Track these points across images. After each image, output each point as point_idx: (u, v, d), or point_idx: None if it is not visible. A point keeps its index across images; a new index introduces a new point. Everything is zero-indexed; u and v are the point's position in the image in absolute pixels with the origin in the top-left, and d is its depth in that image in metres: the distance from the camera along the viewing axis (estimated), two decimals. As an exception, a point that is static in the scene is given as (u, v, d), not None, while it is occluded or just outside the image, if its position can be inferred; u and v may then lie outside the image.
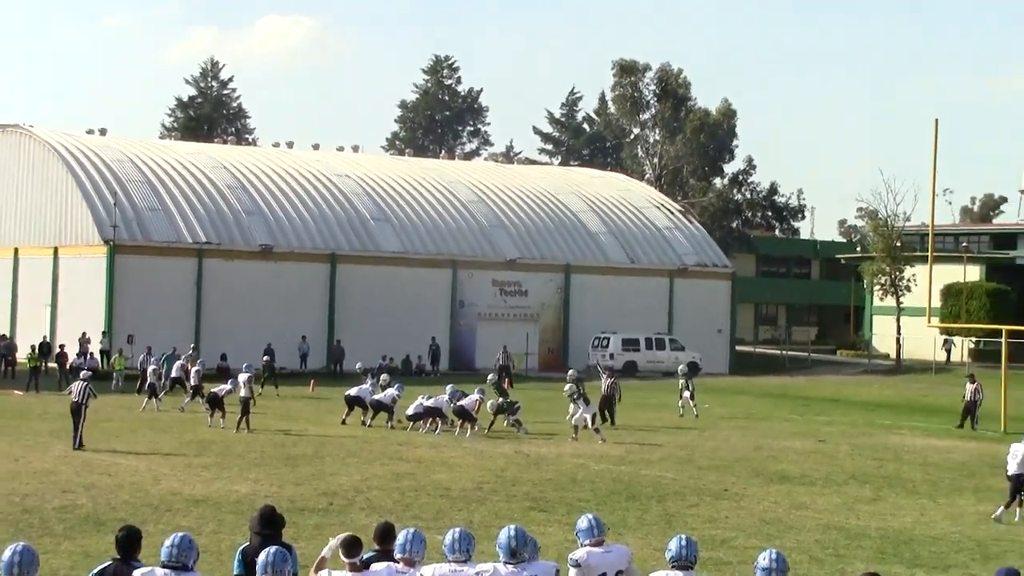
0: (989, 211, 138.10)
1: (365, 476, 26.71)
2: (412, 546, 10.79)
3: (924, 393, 59.03)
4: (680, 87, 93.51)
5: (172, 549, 10.29)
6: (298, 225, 63.88)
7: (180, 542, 10.36)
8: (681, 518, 22.55)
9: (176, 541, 10.38)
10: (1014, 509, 23.53)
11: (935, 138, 42.84)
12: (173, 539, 10.44)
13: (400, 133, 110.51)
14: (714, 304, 72.64)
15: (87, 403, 30.72)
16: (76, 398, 30.70)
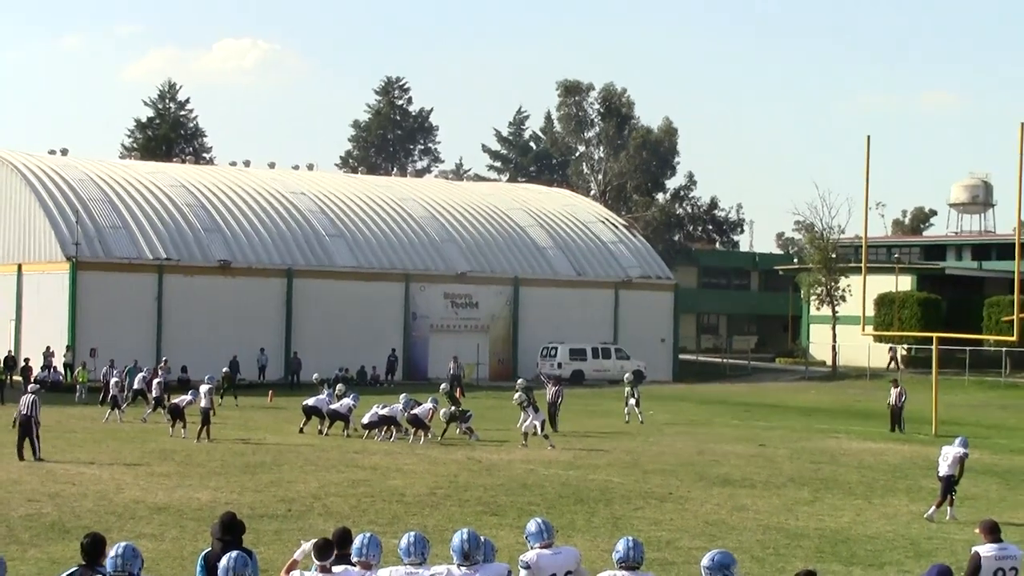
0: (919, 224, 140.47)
1: (323, 483, 26.86)
2: (368, 550, 11.03)
3: (859, 398, 59.65)
4: (623, 106, 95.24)
5: (117, 559, 10.33)
6: (255, 241, 65.02)
7: (124, 552, 10.39)
8: (627, 520, 22.66)
9: (120, 551, 10.41)
10: (945, 508, 23.84)
11: (867, 154, 43.20)
12: (117, 549, 10.47)
13: (354, 152, 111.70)
14: (658, 314, 73.96)
15: (37, 415, 30.48)
16: (25, 411, 30.36)
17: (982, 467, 32.91)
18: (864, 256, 46.67)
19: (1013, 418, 50.48)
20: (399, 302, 67.03)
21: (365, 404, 38.86)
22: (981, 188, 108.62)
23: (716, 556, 10.34)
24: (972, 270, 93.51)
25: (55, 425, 36.48)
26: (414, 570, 10.66)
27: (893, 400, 43.17)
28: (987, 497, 27.46)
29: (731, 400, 57.74)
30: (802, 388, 67.75)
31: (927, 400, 44.09)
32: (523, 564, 11.22)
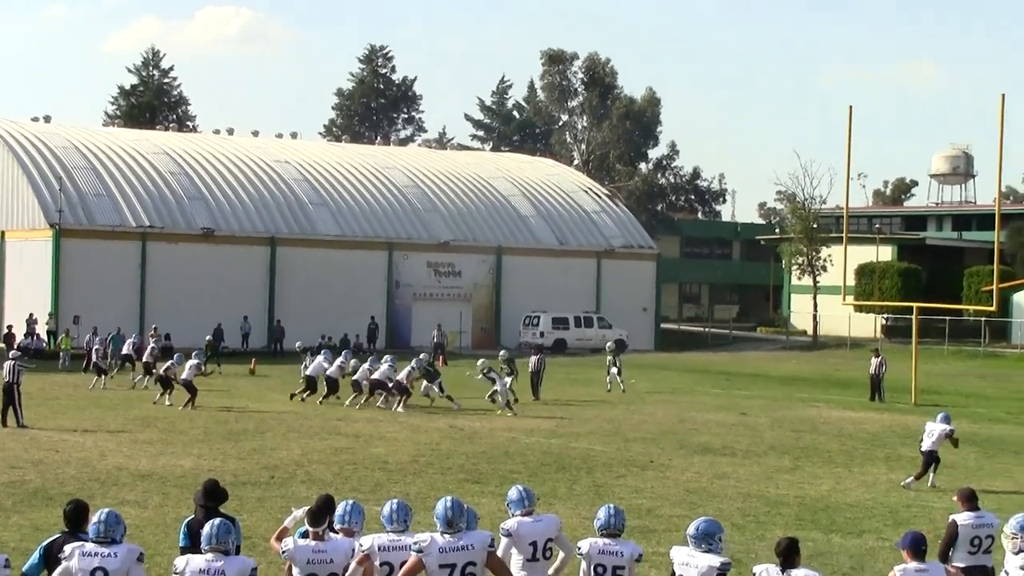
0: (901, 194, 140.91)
1: (305, 450, 26.91)
2: (351, 517, 11.12)
3: (839, 368, 59.85)
4: (607, 76, 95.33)
5: (99, 525, 10.32)
6: (239, 209, 65.20)
7: (107, 518, 10.37)
8: (609, 488, 22.81)
9: (103, 517, 10.38)
10: (926, 478, 24.14)
11: (849, 124, 43.32)
12: (99, 515, 10.43)
13: (337, 120, 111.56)
14: (640, 284, 74.31)
15: (19, 381, 30.64)
16: (8, 378, 30.59)
17: (961, 436, 32.94)
18: (845, 226, 47.22)
19: (992, 387, 50.94)
20: (382, 270, 67.27)
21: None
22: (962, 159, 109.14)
23: (701, 524, 10.52)
24: (952, 240, 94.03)
25: (38, 392, 36.49)
26: (397, 537, 10.70)
27: (873, 369, 43.46)
28: (965, 466, 27.69)
29: (712, 369, 57.92)
30: (783, 357, 68.02)
31: (907, 369, 44.27)
32: (504, 531, 11.25)
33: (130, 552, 10.26)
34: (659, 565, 16.54)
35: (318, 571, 10.43)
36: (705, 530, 10.47)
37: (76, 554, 10.17)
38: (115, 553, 10.18)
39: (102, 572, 10.12)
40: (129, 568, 10.19)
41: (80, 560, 10.14)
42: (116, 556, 10.17)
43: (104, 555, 10.16)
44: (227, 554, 10.07)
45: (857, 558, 17.72)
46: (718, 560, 10.38)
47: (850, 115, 43.80)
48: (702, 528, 10.51)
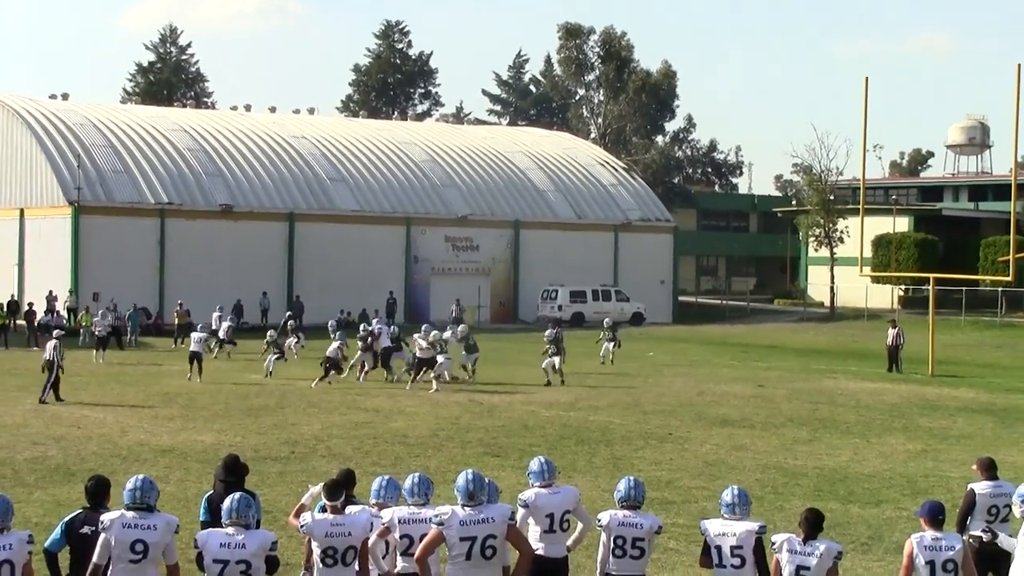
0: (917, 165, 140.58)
1: (325, 425, 26.98)
2: (387, 492, 11.28)
3: (856, 339, 59.80)
4: (623, 49, 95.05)
5: (136, 492, 10.32)
6: (257, 185, 65.28)
7: (142, 484, 10.39)
8: (628, 461, 22.90)
9: (138, 484, 10.39)
10: None
11: (865, 96, 43.26)
12: (135, 482, 10.44)
13: (354, 96, 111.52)
14: (657, 257, 74.33)
15: (59, 360, 31.01)
16: (48, 356, 31.11)
17: (978, 406, 33.47)
18: (862, 198, 47.22)
19: (1008, 357, 50.95)
20: (400, 245, 67.34)
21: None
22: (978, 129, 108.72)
23: (736, 491, 10.88)
24: (969, 211, 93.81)
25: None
26: (417, 510, 10.75)
27: (890, 340, 43.50)
28: (982, 435, 27.85)
29: (730, 341, 57.98)
30: (800, 329, 68.01)
31: (924, 340, 44.20)
32: (522, 503, 11.33)
33: (168, 524, 10.31)
34: (678, 536, 16.74)
35: (337, 544, 10.46)
36: (741, 495, 10.80)
37: (116, 525, 10.14)
38: (154, 525, 10.20)
39: (142, 544, 10.14)
40: (167, 541, 10.27)
41: (120, 532, 10.12)
42: (155, 528, 10.20)
43: (144, 527, 10.16)
44: (247, 528, 10.10)
45: (875, 528, 17.84)
46: (755, 524, 10.66)
47: (866, 86, 43.79)
48: (738, 494, 10.82)
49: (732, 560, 10.58)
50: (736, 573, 10.59)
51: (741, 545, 10.56)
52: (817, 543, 10.26)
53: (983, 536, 11.84)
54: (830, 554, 10.21)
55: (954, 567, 10.54)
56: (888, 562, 15.33)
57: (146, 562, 10.18)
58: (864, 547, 16.64)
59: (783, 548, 10.29)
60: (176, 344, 49.51)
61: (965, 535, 12.32)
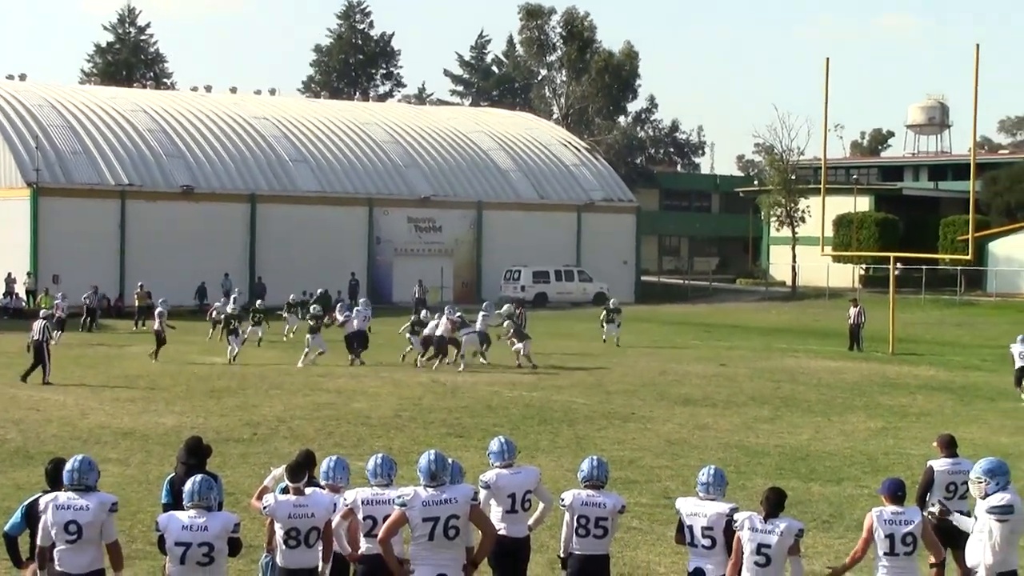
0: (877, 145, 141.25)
1: (287, 406, 26.99)
2: (336, 473, 11.26)
3: (818, 318, 59.90)
4: (585, 30, 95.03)
5: (73, 473, 10.28)
6: (218, 167, 64.95)
7: (80, 465, 10.32)
8: (591, 440, 22.99)
9: (76, 465, 10.32)
10: None
11: (826, 76, 43.28)
12: (73, 463, 10.37)
13: (316, 77, 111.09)
14: (620, 237, 74.37)
15: (47, 341, 31.15)
16: (36, 336, 31.16)
17: (938, 384, 33.72)
18: (823, 177, 47.45)
19: (967, 336, 51.28)
20: (363, 226, 67.21)
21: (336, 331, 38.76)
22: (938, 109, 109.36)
23: (713, 471, 10.99)
24: (928, 190, 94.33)
25: (17, 351, 36.35)
26: (380, 491, 10.80)
27: (852, 319, 43.70)
28: (942, 413, 28.11)
29: (692, 321, 58.03)
30: (762, 308, 68.25)
31: (884, 319, 44.45)
32: (483, 484, 11.40)
33: (102, 503, 10.27)
34: (641, 516, 16.80)
35: (299, 525, 10.49)
36: (716, 476, 10.91)
37: (50, 508, 10.17)
38: (87, 505, 10.19)
39: (75, 526, 10.14)
40: (103, 520, 10.24)
41: (53, 514, 10.15)
42: (88, 509, 10.18)
43: (77, 508, 10.15)
44: (209, 510, 10.09)
45: (836, 505, 17.97)
46: (726, 506, 10.76)
47: (827, 67, 43.84)
48: (713, 474, 10.94)
49: (703, 541, 10.71)
50: (707, 553, 10.70)
51: (712, 527, 10.67)
52: (778, 521, 10.34)
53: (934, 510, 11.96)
54: (791, 532, 10.29)
55: (913, 540, 10.65)
56: (849, 539, 15.41)
57: (83, 542, 10.18)
58: (825, 525, 16.75)
59: (745, 526, 10.37)
60: (137, 326, 49.31)
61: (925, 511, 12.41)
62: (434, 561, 10.24)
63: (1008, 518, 10.81)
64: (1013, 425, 26.44)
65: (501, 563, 11.58)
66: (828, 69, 43.72)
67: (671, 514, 11.07)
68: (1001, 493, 10.89)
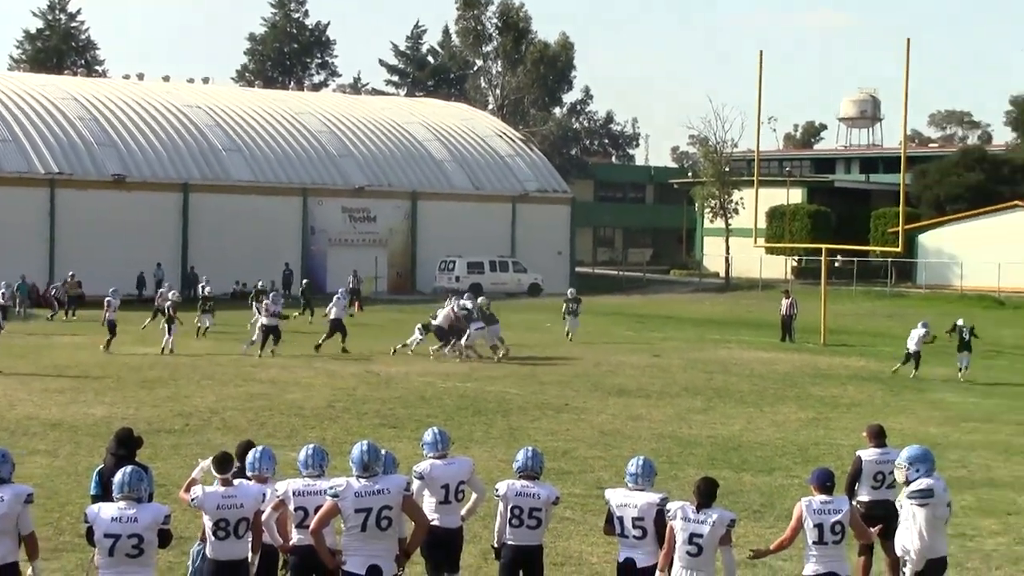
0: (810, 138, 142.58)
1: (220, 397, 26.85)
2: (262, 463, 11.20)
3: (750, 309, 60.52)
4: (521, 20, 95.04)
5: None
6: (150, 155, 64.32)
7: None
8: (524, 431, 23.04)
9: None
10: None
11: (760, 69, 43.70)
12: None
13: (249, 65, 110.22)
14: (555, 228, 74.37)
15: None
16: None
17: (868, 374, 34.12)
18: (756, 169, 47.77)
19: (898, 327, 51.49)
20: (297, 216, 66.89)
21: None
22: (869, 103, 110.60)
23: (642, 461, 11.01)
24: (860, 183, 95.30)
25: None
26: (312, 482, 10.78)
27: (784, 310, 43.98)
28: (872, 403, 28.48)
29: (626, 312, 58.13)
30: (696, 299, 68.55)
31: (816, 310, 44.86)
32: (416, 474, 11.44)
33: (16, 495, 10.15)
34: (574, 506, 16.84)
35: (228, 516, 10.45)
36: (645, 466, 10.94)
37: None
38: (1, 497, 10.06)
39: None
40: (18, 512, 10.13)
41: None
42: (3, 500, 10.06)
43: None
44: (140, 502, 9.98)
45: (767, 495, 18.12)
46: (656, 496, 10.80)
47: (760, 60, 44.24)
48: (642, 464, 10.96)
49: (633, 531, 10.75)
50: (638, 543, 10.74)
51: (642, 517, 10.71)
52: (710, 511, 10.40)
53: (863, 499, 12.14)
54: (722, 522, 10.36)
55: (841, 529, 10.74)
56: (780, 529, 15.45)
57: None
58: (757, 514, 16.89)
59: (677, 516, 10.42)
60: (67, 316, 48.80)
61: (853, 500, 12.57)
62: (366, 552, 10.18)
63: (928, 502, 10.98)
64: (941, 416, 26.86)
65: (434, 553, 11.63)
66: (761, 62, 44.11)
67: (604, 505, 11.09)
68: (923, 479, 11.03)
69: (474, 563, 13.81)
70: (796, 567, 11.80)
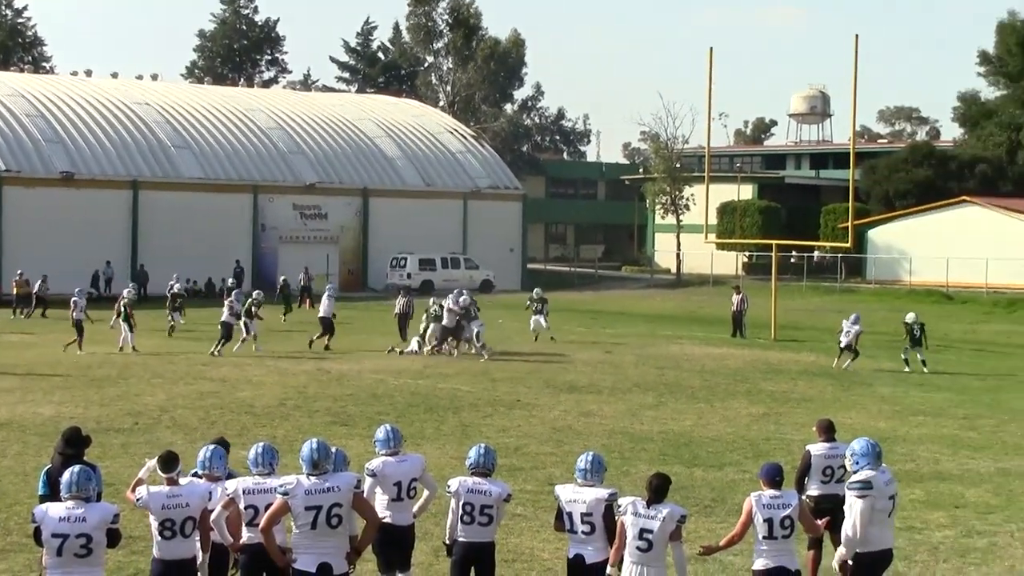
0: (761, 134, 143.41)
1: (170, 395, 26.71)
2: (212, 463, 11.21)
3: (702, 305, 60.45)
4: (472, 17, 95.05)
5: None
6: (99, 153, 63.92)
7: None
8: (476, 428, 23.05)
9: None
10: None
11: (710, 65, 43.87)
12: None
13: (199, 62, 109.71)
14: (506, 224, 74.45)
15: None
16: None
17: (818, 370, 34.29)
18: (707, 166, 48.01)
19: (848, 322, 52.09)
20: (247, 213, 66.64)
21: (214, 316, 38.19)
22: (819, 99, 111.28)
23: (591, 457, 11.02)
24: (810, 179, 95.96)
25: None
26: (262, 480, 10.78)
27: (735, 306, 44.07)
28: (822, 398, 28.61)
29: (578, 308, 58.06)
30: (647, 295, 68.59)
31: (767, 306, 45.00)
32: (369, 471, 11.51)
33: None
34: (526, 503, 16.86)
35: (174, 516, 10.42)
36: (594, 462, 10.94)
37: None
38: None
39: None
40: None
41: None
42: None
43: None
44: (88, 501, 9.93)
45: (718, 490, 18.20)
46: (605, 492, 10.79)
47: (711, 56, 44.45)
48: (591, 460, 10.96)
49: (583, 527, 10.75)
50: (587, 539, 10.75)
51: (591, 512, 10.71)
52: (661, 507, 10.43)
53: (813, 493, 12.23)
54: (673, 518, 10.39)
55: (791, 523, 10.79)
56: (730, 523, 15.51)
57: None
58: (707, 509, 16.97)
59: (628, 511, 10.45)
60: (15, 314, 48.41)
61: (803, 495, 12.65)
62: (317, 550, 10.20)
63: (867, 493, 11.03)
64: (890, 410, 27.04)
65: (386, 550, 11.65)
66: (712, 59, 44.32)
67: (555, 501, 11.09)
68: (864, 471, 11.13)
69: (425, 560, 13.82)
70: (746, 561, 11.85)
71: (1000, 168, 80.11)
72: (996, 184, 78.56)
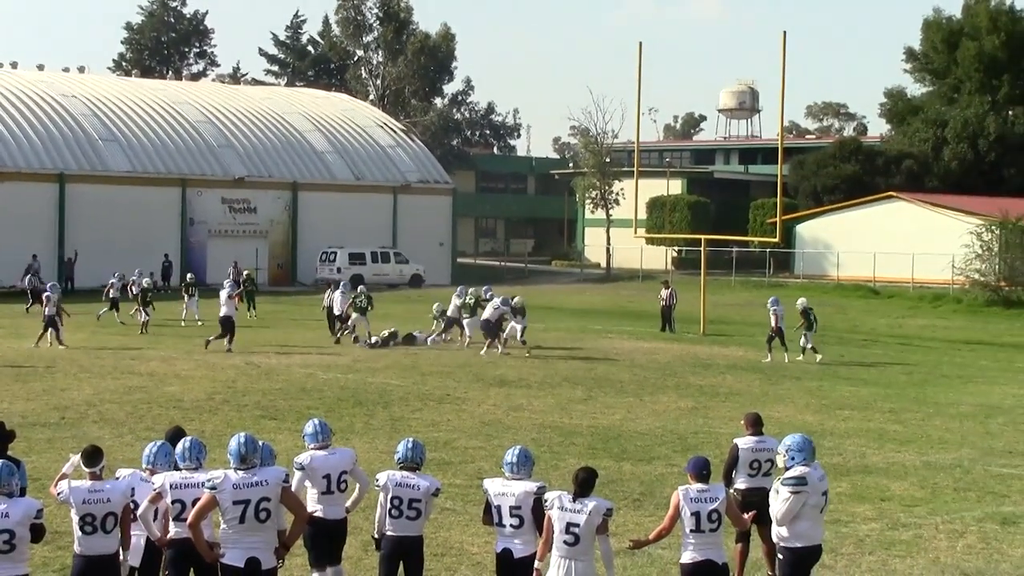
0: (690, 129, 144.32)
1: (97, 390, 26.50)
2: (157, 459, 11.15)
3: (631, 299, 60.64)
4: (402, 11, 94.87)
5: None
6: (25, 145, 63.22)
7: None
8: (406, 422, 23.05)
9: None
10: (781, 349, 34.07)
11: (639, 60, 44.06)
12: None
13: (127, 55, 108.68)
14: (436, 218, 74.37)
15: None
16: None
17: (746, 364, 34.55)
18: (636, 161, 48.29)
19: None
20: (175, 207, 66.16)
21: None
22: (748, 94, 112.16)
23: (519, 451, 11.11)
24: (739, 174, 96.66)
25: None
26: (190, 475, 10.74)
27: (664, 300, 44.10)
28: (750, 392, 28.82)
29: (508, 303, 58.26)
30: (577, 290, 68.83)
31: (696, 300, 45.24)
32: (297, 465, 11.54)
33: None
34: (455, 497, 16.87)
35: (95, 511, 10.36)
36: (522, 455, 11.02)
37: None
38: None
39: None
40: None
41: None
42: None
43: None
44: (11, 496, 9.87)
45: (647, 484, 18.28)
46: (534, 485, 10.84)
47: (640, 51, 44.58)
48: (519, 453, 11.05)
49: (511, 520, 10.79)
50: (515, 532, 10.79)
51: (520, 505, 10.75)
52: (586, 501, 10.46)
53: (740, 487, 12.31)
54: (598, 511, 10.43)
55: (718, 517, 10.86)
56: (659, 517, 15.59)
57: None
58: (636, 503, 17.06)
59: (554, 505, 10.48)
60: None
61: (731, 488, 12.77)
62: (245, 544, 10.17)
63: (801, 490, 11.11)
64: (818, 403, 27.30)
65: (317, 544, 11.67)
66: (641, 53, 44.43)
67: (484, 495, 11.11)
68: (798, 467, 11.19)
69: (355, 554, 13.79)
70: (675, 555, 11.90)
71: (926, 164, 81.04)
72: (922, 180, 79.44)
